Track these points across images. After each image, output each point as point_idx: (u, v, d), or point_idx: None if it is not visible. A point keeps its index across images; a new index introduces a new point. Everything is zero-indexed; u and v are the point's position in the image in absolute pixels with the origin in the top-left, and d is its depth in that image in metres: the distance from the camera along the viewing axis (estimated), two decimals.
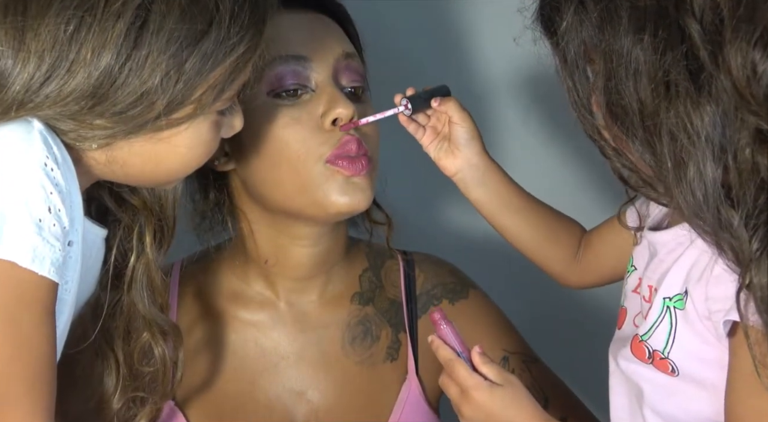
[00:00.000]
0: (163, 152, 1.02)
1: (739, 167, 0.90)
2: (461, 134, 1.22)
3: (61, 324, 1.00)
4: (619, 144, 1.00)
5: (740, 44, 0.88)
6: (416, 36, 1.55)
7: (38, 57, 0.95)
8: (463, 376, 1.11)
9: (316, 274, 1.29)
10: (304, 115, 1.19)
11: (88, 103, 0.96)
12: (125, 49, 0.95)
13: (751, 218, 0.91)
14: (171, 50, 0.96)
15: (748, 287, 0.92)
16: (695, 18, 0.91)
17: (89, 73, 0.95)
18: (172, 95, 0.97)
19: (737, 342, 0.97)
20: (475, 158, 1.23)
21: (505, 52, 1.28)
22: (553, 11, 1.00)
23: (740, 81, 0.89)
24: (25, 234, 0.92)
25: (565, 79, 1.01)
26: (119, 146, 1.00)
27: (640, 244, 1.12)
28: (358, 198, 1.19)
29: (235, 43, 0.99)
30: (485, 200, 1.24)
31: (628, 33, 0.93)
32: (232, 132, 1.09)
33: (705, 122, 0.90)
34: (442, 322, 1.15)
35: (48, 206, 0.93)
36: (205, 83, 0.99)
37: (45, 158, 0.94)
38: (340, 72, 1.22)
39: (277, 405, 1.29)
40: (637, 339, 1.07)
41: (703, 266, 1.00)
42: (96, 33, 0.95)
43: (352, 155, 1.18)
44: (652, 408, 1.06)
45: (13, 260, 0.92)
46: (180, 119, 1.00)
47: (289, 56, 1.19)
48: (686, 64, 0.91)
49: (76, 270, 0.99)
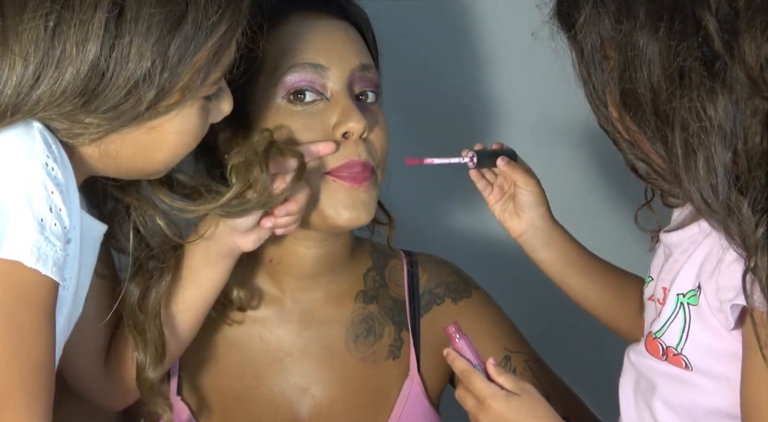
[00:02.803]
0: (154, 140, 1.01)
1: (748, 153, 0.93)
2: (526, 198, 1.25)
3: (61, 322, 0.99)
4: (632, 135, 1.02)
5: (755, 34, 0.91)
6: (430, 35, 1.55)
7: (23, 58, 0.94)
8: (480, 387, 1.12)
9: (322, 273, 1.29)
10: (316, 123, 1.20)
11: (81, 100, 0.96)
12: (108, 39, 0.95)
13: (758, 204, 0.93)
14: (153, 37, 0.96)
15: (753, 271, 0.94)
16: (710, 10, 0.94)
17: (78, 69, 0.94)
18: (160, 84, 0.97)
19: (748, 331, 0.98)
20: (540, 221, 1.25)
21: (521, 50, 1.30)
22: (572, 5, 1.02)
23: (754, 69, 0.91)
24: (28, 234, 0.92)
25: (581, 72, 1.04)
26: (111, 140, 1.00)
27: (657, 252, 1.14)
28: (358, 213, 1.20)
29: (214, 23, 0.99)
30: (550, 262, 1.26)
31: (644, 25, 0.96)
32: (220, 116, 1.08)
33: (718, 109, 0.93)
34: (457, 335, 1.17)
35: (49, 206, 0.93)
36: (190, 68, 0.98)
37: (46, 157, 0.94)
38: (355, 82, 1.22)
39: (282, 401, 1.29)
40: (651, 336, 1.09)
41: (716, 261, 1.02)
42: (76, 26, 0.94)
43: (355, 172, 1.20)
44: (663, 400, 1.08)
45: (19, 259, 0.91)
46: (169, 107, 1.00)
47: (307, 64, 1.20)
48: (701, 53, 0.93)
49: (74, 268, 0.99)
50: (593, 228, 1.41)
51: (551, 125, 1.57)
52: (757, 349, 0.96)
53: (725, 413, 1.04)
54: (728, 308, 1.00)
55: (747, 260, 0.94)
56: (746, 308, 0.97)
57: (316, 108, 1.20)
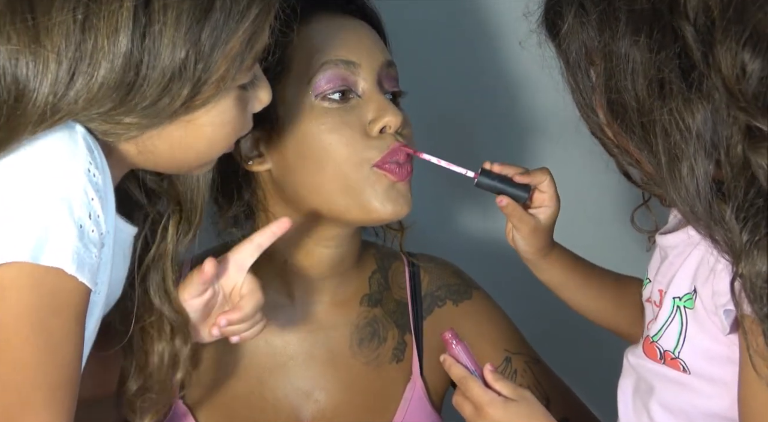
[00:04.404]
0: (191, 134, 1.00)
1: (731, 162, 0.93)
2: (517, 236, 1.24)
3: (90, 326, 0.99)
4: (620, 142, 1.03)
5: (730, 44, 0.91)
6: (424, 40, 1.56)
7: (56, 55, 0.93)
8: (477, 393, 1.13)
9: (332, 275, 1.30)
10: (353, 119, 1.20)
11: (118, 96, 0.95)
12: (138, 29, 0.94)
13: (741, 211, 0.93)
14: (184, 26, 0.94)
15: (740, 277, 0.94)
16: (688, 20, 0.94)
17: (112, 62, 0.93)
18: (195, 76, 0.96)
19: (743, 335, 0.98)
20: (530, 255, 1.25)
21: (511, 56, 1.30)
22: (556, 15, 1.03)
23: (730, 79, 0.91)
24: (69, 240, 0.91)
25: (568, 80, 1.04)
26: (148, 136, 0.99)
27: (653, 255, 1.14)
28: (401, 205, 1.21)
29: (244, 8, 0.97)
30: (547, 283, 1.28)
31: (625, 35, 0.96)
32: (260, 106, 1.06)
33: (696, 119, 0.93)
34: (453, 341, 1.17)
35: (89, 212, 0.93)
36: (224, 57, 0.97)
37: (89, 163, 0.93)
38: (383, 79, 1.23)
39: (285, 405, 1.30)
40: (648, 339, 1.09)
41: (711, 264, 1.01)
42: (105, 18, 0.93)
43: (400, 161, 1.20)
44: (661, 403, 1.08)
45: (61, 266, 0.91)
46: (205, 100, 0.98)
47: (339, 60, 1.21)
48: (679, 63, 0.94)
49: (106, 272, 0.99)
50: (592, 228, 1.42)
51: (549, 123, 1.57)
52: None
53: (723, 416, 1.04)
54: (722, 313, 1.00)
55: (734, 267, 0.95)
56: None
57: (350, 105, 1.21)
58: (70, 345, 0.93)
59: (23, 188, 0.92)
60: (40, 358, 0.91)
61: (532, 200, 1.22)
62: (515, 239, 1.24)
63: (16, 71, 0.94)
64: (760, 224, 0.92)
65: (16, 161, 0.93)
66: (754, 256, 0.92)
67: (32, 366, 0.90)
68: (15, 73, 0.94)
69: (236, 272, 1.15)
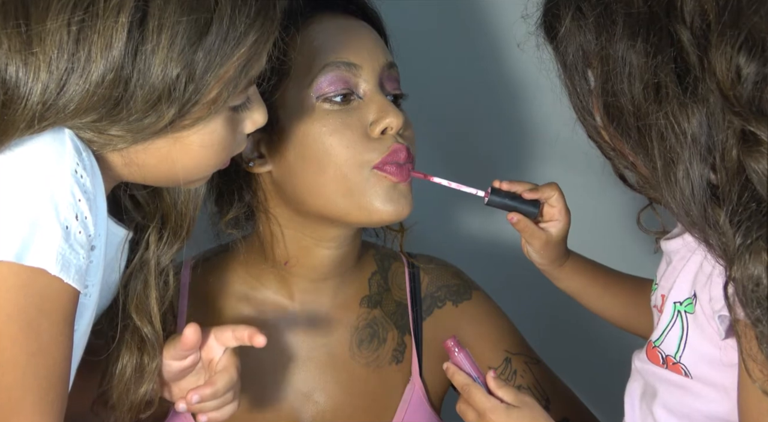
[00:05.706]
0: (178, 151, 1.00)
1: (725, 166, 0.93)
2: (530, 249, 1.25)
3: (81, 329, 0.99)
4: (616, 145, 1.03)
5: (725, 48, 0.92)
6: (421, 41, 1.56)
7: (47, 64, 0.93)
8: (480, 400, 1.14)
9: (332, 276, 1.30)
10: (354, 121, 1.20)
11: (105, 109, 0.94)
12: (131, 45, 0.93)
13: (735, 215, 0.93)
14: (177, 47, 0.94)
15: (733, 281, 0.94)
16: (685, 24, 0.94)
17: (103, 76, 0.93)
18: (185, 96, 0.95)
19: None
20: (545, 266, 1.26)
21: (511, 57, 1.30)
22: (554, 18, 1.03)
23: (725, 84, 0.92)
24: (54, 241, 0.91)
25: (565, 83, 1.05)
26: (135, 149, 0.99)
27: (661, 260, 1.14)
28: (402, 206, 1.21)
29: (241, 34, 0.96)
30: (566, 290, 1.29)
31: (622, 38, 0.96)
32: (254, 127, 1.06)
33: (692, 123, 0.93)
34: (456, 348, 1.18)
35: (75, 213, 0.92)
36: (217, 80, 0.96)
37: (75, 164, 0.93)
38: (384, 81, 1.23)
39: (284, 406, 1.30)
40: (651, 344, 1.10)
41: (710, 269, 1.02)
42: (100, 32, 0.93)
43: (400, 162, 1.20)
44: (664, 406, 1.08)
45: (43, 267, 0.90)
46: (195, 119, 0.98)
47: (340, 62, 1.20)
48: (675, 67, 0.94)
49: (97, 275, 0.99)
50: (601, 230, 1.42)
51: (548, 125, 1.57)
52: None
53: (725, 420, 1.05)
54: (717, 318, 1.00)
55: (727, 271, 0.95)
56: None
57: (352, 106, 1.21)
58: (59, 346, 0.92)
59: (9, 189, 0.92)
60: (28, 359, 0.90)
61: (542, 214, 1.23)
62: (529, 252, 1.25)
63: (5, 76, 0.93)
64: (753, 227, 0.92)
65: (3, 161, 0.93)
66: (746, 260, 0.92)
67: (21, 367, 0.90)
68: (4, 79, 0.94)
69: (217, 346, 1.14)
